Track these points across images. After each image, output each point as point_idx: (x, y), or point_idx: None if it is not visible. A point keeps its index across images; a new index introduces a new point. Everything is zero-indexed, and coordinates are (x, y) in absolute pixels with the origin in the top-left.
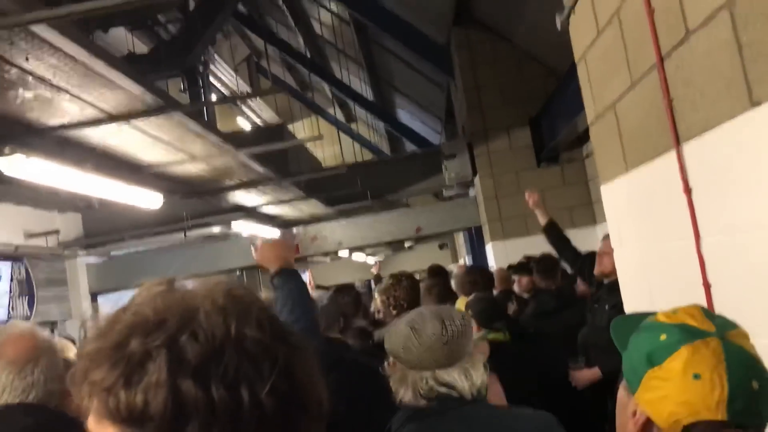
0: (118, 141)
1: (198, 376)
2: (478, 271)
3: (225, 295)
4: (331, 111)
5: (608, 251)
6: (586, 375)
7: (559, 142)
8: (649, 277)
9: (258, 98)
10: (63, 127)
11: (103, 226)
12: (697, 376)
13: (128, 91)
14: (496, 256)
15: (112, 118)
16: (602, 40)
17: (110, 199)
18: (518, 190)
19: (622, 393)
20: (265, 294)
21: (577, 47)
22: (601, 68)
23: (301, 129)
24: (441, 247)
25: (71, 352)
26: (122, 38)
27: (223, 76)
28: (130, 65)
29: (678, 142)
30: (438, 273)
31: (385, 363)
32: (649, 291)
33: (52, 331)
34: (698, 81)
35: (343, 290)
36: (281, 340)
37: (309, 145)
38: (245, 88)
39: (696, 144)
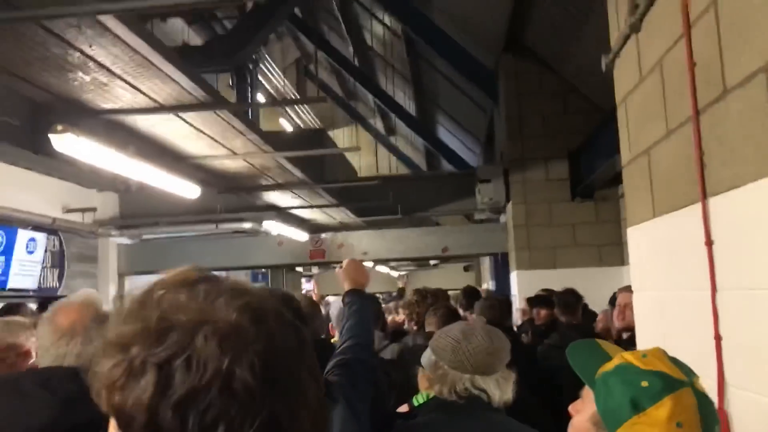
0: (164, 130)
1: (179, 407)
2: (495, 298)
3: (238, 314)
4: (372, 122)
5: (630, 303)
6: None
7: (595, 178)
8: (665, 323)
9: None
10: (114, 111)
11: (138, 209)
12: (679, 425)
13: (180, 84)
14: (520, 286)
15: (161, 107)
16: (644, 87)
17: (151, 184)
18: (550, 221)
19: (586, 424)
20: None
21: (619, 90)
22: (640, 113)
23: (341, 136)
24: (466, 269)
25: None
26: (178, 29)
27: (271, 76)
28: (183, 57)
29: (705, 196)
30: (471, 295)
31: (420, 366)
32: (663, 336)
33: None
34: (730, 139)
35: None
36: (271, 385)
37: (347, 154)
38: (292, 90)
39: (722, 199)
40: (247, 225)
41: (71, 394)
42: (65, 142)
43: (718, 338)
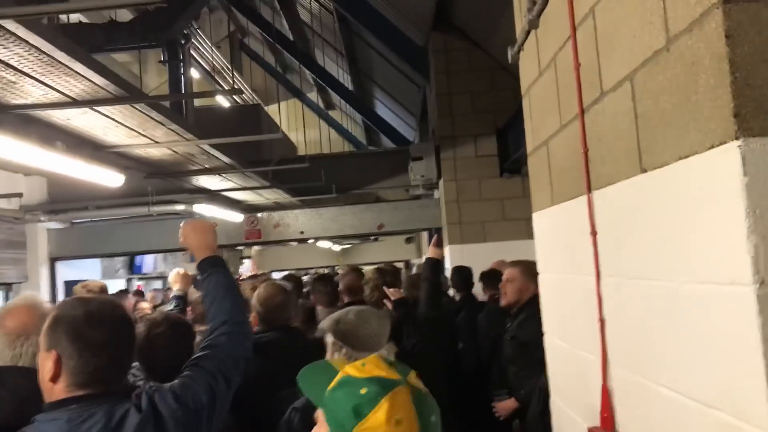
0: (81, 123)
1: None
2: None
3: None
4: (310, 96)
5: (509, 278)
6: (507, 405)
7: (522, 154)
8: (562, 303)
9: (237, 77)
10: (26, 106)
11: (67, 193)
12: (399, 422)
13: (91, 80)
14: (453, 259)
15: (75, 102)
16: (542, 81)
17: (71, 176)
18: (480, 197)
19: None
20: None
21: (523, 82)
22: (540, 106)
23: (281, 110)
24: (407, 240)
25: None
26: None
27: (204, 51)
28: (110, 33)
29: (590, 189)
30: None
31: (330, 343)
32: (562, 317)
33: (7, 293)
34: (607, 139)
35: (323, 280)
36: None
37: (285, 129)
38: (225, 64)
39: (602, 194)
40: (179, 207)
41: (22, 388)
42: None
43: (602, 321)
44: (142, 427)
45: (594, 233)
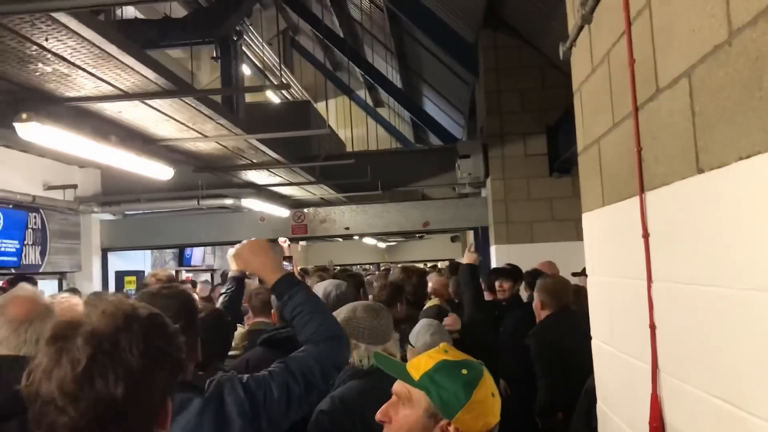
0: (132, 116)
1: None
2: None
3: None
4: (359, 93)
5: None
6: None
7: (573, 153)
8: (611, 308)
9: (287, 73)
10: (78, 99)
11: (120, 185)
12: (493, 395)
13: (141, 73)
14: (499, 259)
15: (126, 95)
16: (594, 78)
17: (124, 168)
18: (528, 196)
19: (421, 420)
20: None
21: (575, 78)
22: (592, 103)
23: (331, 107)
24: (453, 239)
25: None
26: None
27: (256, 48)
28: (164, 29)
29: (642, 190)
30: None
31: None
32: (610, 321)
33: (61, 281)
34: (662, 137)
35: (351, 277)
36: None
37: (334, 127)
38: (277, 61)
39: (655, 195)
40: (228, 201)
41: (17, 382)
42: (30, 131)
43: (652, 327)
44: (202, 411)
45: (646, 236)
